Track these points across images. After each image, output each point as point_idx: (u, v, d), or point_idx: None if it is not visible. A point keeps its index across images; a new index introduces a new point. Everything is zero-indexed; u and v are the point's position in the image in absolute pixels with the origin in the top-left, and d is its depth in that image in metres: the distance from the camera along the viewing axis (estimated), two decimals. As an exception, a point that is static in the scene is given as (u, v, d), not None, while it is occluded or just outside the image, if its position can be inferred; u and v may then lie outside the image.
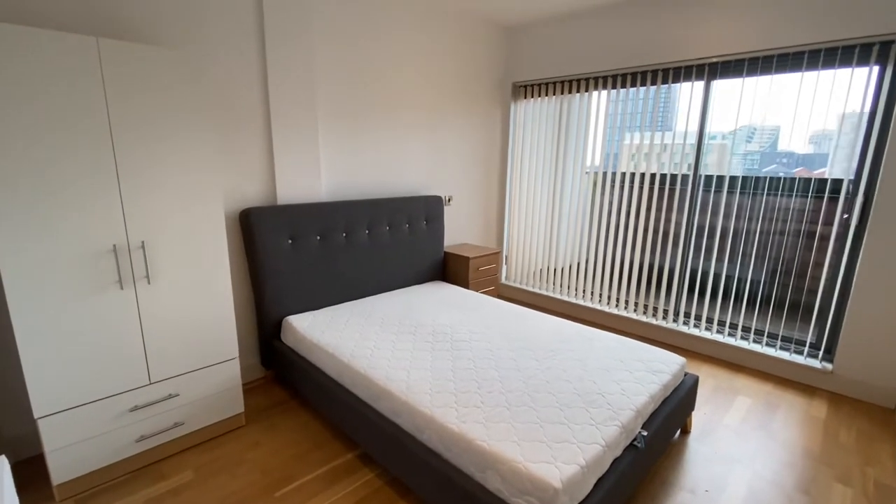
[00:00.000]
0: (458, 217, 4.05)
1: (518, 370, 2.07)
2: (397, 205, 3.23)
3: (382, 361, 2.15)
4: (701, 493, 1.93)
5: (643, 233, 3.57)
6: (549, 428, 1.63)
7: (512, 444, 1.54)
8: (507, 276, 4.60)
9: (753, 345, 3.13)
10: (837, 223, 2.79)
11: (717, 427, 2.42)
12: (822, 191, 2.87)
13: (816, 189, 2.87)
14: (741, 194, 3.15)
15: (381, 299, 3.04)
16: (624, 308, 3.77)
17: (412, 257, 3.40)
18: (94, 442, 1.85)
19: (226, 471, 2.01)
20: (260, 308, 2.64)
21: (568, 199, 4.00)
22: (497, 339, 2.41)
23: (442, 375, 2.02)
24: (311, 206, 2.75)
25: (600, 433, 1.62)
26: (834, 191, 2.81)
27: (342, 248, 2.93)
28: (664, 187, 3.46)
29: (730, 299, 3.26)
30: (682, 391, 2.17)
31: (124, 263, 1.83)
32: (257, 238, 2.52)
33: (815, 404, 2.66)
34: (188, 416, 2.10)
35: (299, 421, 2.40)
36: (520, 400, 1.81)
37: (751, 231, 3.15)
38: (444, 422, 1.69)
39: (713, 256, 3.28)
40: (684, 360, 2.27)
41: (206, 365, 2.13)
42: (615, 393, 1.89)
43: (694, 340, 3.35)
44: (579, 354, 2.25)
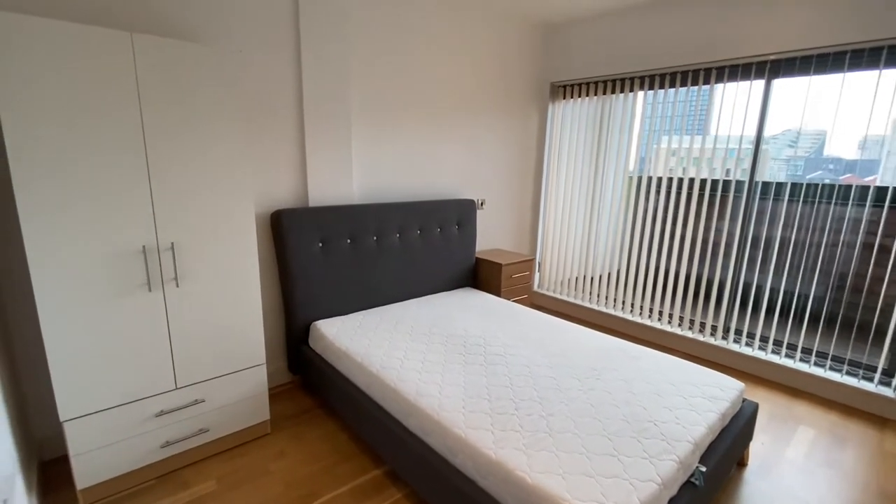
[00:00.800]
0: (491, 222, 3.91)
1: (559, 390, 1.92)
2: (429, 208, 3.12)
3: (412, 374, 2.03)
4: (764, 538, 1.73)
5: (690, 242, 3.33)
6: (597, 460, 1.47)
7: (556, 478, 1.39)
8: (540, 283, 4.42)
9: (815, 368, 2.86)
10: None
11: (777, 461, 2.19)
12: (881, 200, 2.59)
13: (876, 197, 2.60)
14: (794, 202, 2.89)
15: (411, 306, 2.93)
16: (667, 322, 3.53)
17: (443, 263, 3.28)
18: (119, 447, 1.80)
19: (249, 482, 1.93)
20: (288, 312, 2.58)
21: (608, 205, 3.79)
22: (534, 354, 2.26)
23: (476, 393, 1.88)
24: (342, 209, 2.67)
25: (655, 469, 1.45)
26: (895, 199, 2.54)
27: (372, 251, 2.84)
28: (714, 193, 3.21)
29: (787, 317, 2.99)
30: (740, 420, 1.96)
31: (153, 265, 1.78)
32: (288, 240, 2.45)
33: (890, 438, 2.38)
34: (213, 422, 2.04)
35: (326, 430, 2.31)
36: (562, 425, 1.66)
37: (809, 242, 2.88)
38: (479, 446, 1.55)
39: (769, 269, 3.02)
40: (743, 386, 2.06)
41: (232, 371, 2.06)
42: (668, 421, 1.71)
43: (745, 360, 3.09)
44: (624, 375, 2.07)
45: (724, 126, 3.06)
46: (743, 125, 2.99)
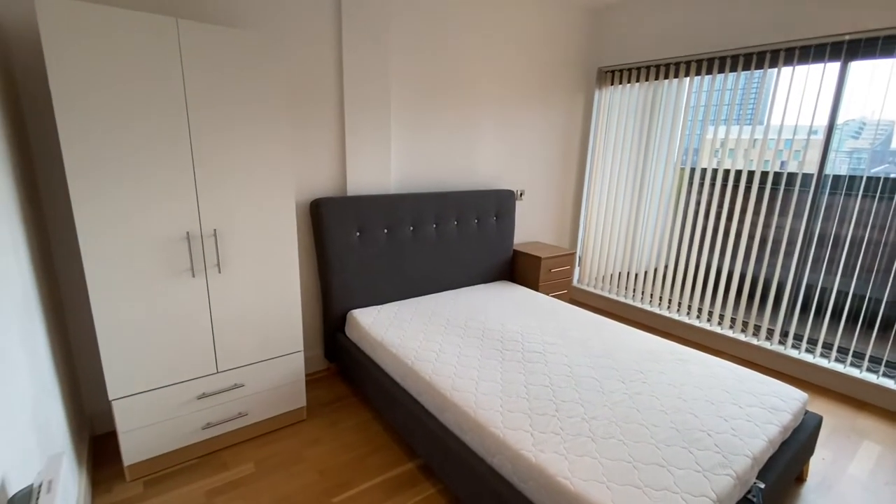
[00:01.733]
0: (530, 213, 3.79)
1: (602, 392, 1.82)
2: (466, 199, 3.05)
3: (448, 368, 1.99)
4: (828, 564, 1.58)
5: (746, 238, 3.10)
6: (644, 470, 1.38)
7: (600, 486, 1.31)
8: (580, 278, 4.28)
9: (884, 379, 2.61)
10: None
11: (840, 477, 2.01)
12: None
13: None
14: (869, 197, 2.63)
15: (446, 297, 2.89)
16: (717, 324, 3.33)
17: (480, 254, 3.21)
18: (164, 426, 1.86)
19: (284, 468, 1.95)
20: (326, 300, 2.59)
21: (655, 197, 3.60)
22: (575, 353, 2.16)
23: (514, 391, 1.82)
24: (379, 198, 2.64)
25: (709, 483, 1.34)
26: None
27: (409, 242, 2.80)
28: (776, 187, 2.97)
29: (854, 322, 2.74)
30: (802, 434, 1.81)
31: (196, 251, 1.80)
32: (326, 229, 2.45)
33: (975, 463, 2.15)
34: (252, 406, 2.08)
35: (360, 419, 2.31)
36: (606, 431, 1.57)
37: (885, 242, 2.61)
38: (518, 448, 1.49)
39: (836, 270, 2.77)
40: (806, 397, 1.89)
41: (271, 357, 2.09)
42: (724, 432, 1.59)
43: (805, 368, 2.87)
44: (673, 379, 1.95)
45: (787, 114, 2.80)
46: (803, 112, 2.72)
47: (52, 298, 1.78)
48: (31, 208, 1.63)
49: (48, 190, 1.87)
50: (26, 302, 1.36)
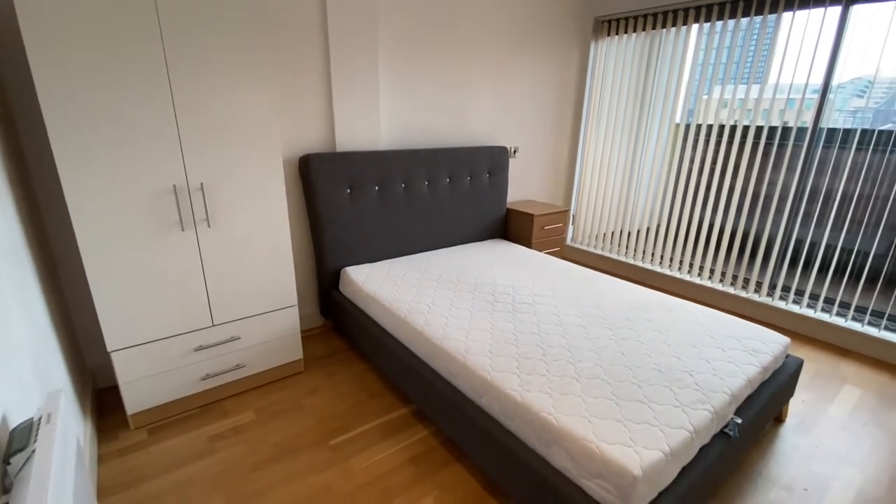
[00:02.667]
0: (524, 171, 3.76)
1: (588, 339, 1.87)
2: (459, 155, 3.02)
3: (440, 319, 2.03)
4: (798, 492, 1.68)
5: (739, 194, 3.10)
6: (626, 406, 1.44)
7: (582, 420, 1.37)
8: (574, 237, 4.29)
9: (868, 328, 2.68)
10: None
11: (818, 419, 2.09)
12: None
13: None
14: (862, 150, 2.61)
15: (439, 255, 2.91)
16: (708, 278, 3.37)
17: (472, 212, 3.21)
18: (163, 377, 1.92)
19: (284, 414, 2.03)
20: (319, 258, 2.61)
21: (651, 154, 3.56)
22: (564, 304, 2.20)
23: (503, 338, 1.86)
24: (369, 155, 2.61)
25: (688, 417, 1.40)
26: None
27: (400, 199, 2.80)
28: (770, 142, 2.93)
29: (842, 274, 2.78)
30: (782, 375, 1.87)
31: (184, 205, 1.80)
32: (316, 185, 2.43)
33: (948, 403, 2.23)
34: (249, 359, 2.13)
35: (356, 371, 2.38)
36: (591, 372, 1.62)
37: (875, 195, 2.61)
38: (504, 388, 1.55)
39: (826, 224, 2.78)
40: (788, 341, 1.94)
41: (265, 311, 2.12)
42: (705, 372, 1.64)
43: (791, 318, 2.93)
44: (659, 326, 1.99)
45: (786, 68, 2.74)
46: (802, 64, 2.65)
47: (44, 253, 1.79)
48: (13, 161, 1.62)
49: (32, 146, 1.84)
50: (15, 251, 1.37)
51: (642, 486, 1.19)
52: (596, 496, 1.24)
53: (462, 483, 1.68)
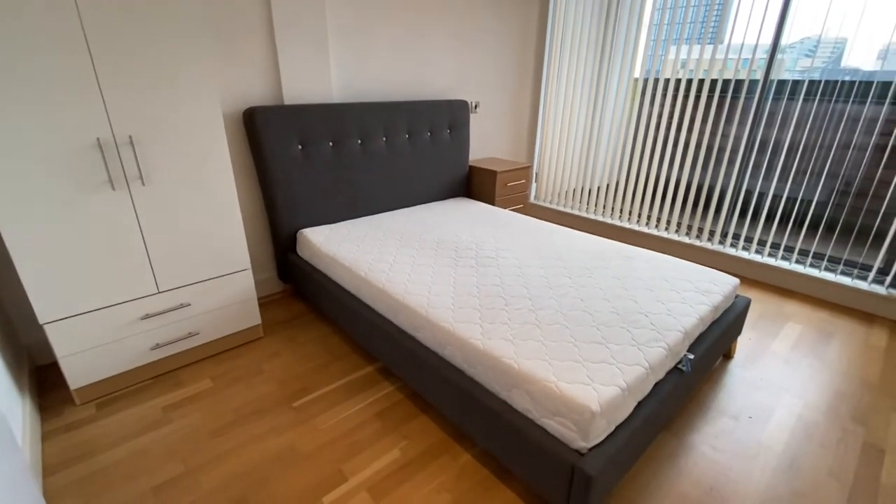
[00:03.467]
0: (486, 127, 3.68)
1: (550, 288, 1.88)
2: (418, 109, 2.90)
3: (402, 276, 1.99)
4: (744, 420, 1.79)
5: (694, 148, 3.15)
6: (585, 348, 1.46)
7: (543, 363, 1.38)
8: (537, 195, 4.30)
9: (810, 269, 2.84)
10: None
11: (763, 354, 2.22)
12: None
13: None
14: (809, 101, 2.69)
15: (401, 215, 2.84)
16: (665, 229, 3.46)
17: (434, 170, 3.13)
18: (108, 349, 1.80)
19: (243, 380, 1.96)
20: (273, 219, 2.48)
21: (610, 110, 3.54)
22: (527, 257, 2.20)
23: (465, 291, 1.85)
24: (320, 108, 2.46)
25: (643, 354, 1.44)
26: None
27: (357, 157, 2.68)
28: (724, 95, 2.97)
29: (787, 222, 2.91)
30: (732, 314, 1.95)
31: (113, 161, 1.64)
32: (264, 141, 2.28)
33: (876, 333, 2.42)
34: (202, 326, 2.04)
35: (319, 333, 2.33)
36: (552, 318, 1.64)
37: (820, 145, 2.72)
38: (467, 337, 1.54)
39: (774, 175, 2.88)
40: (737, 281, 2.03)
41: (216, 275, 2.01)
42: (660, 313, 1.69)
43: (741, 264, 3.07)
44: (618, 273, 2.03)
45: (739, 31, 2.76)
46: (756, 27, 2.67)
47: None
48: None
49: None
50: None
51: (600, 421, 1.22)
52: (557, 434, 1.27)
53: (428, 433, 1.69)
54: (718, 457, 1.61)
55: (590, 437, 1.21)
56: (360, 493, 1.44)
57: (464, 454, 1.60)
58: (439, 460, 1.57)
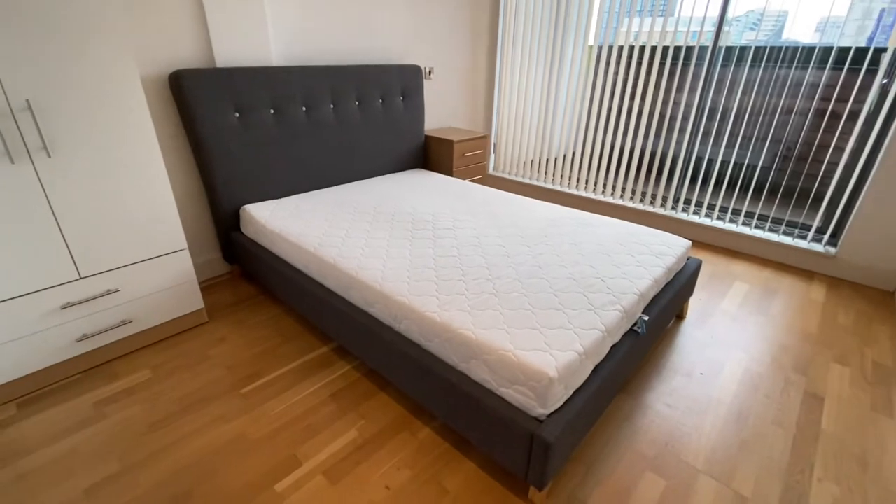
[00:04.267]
0: (442, 95, 3.55)
1: (507, 257, 1.84)
2: (367, 74, 2.73)
3: (355, 251, 1.88)
4: (696, 377, 1.84)
5: (647, 116, 3.16)
6: (542, 315, 1.43)
7: (500, 332, 1.34)
8: (496, 166, 4.24)
9: (755, 230, 2.95)
10: (874, 94, 2.43)
11: (713, 312, 2.30)
12: (841, 62, 2.48)
13: (836, 59, 2.48)
14: (755, 67, 2.74)
15: (354, 188, 2.70)
16: (620, 196, 3.50)
17: (388, 139, 2.99)
18: (25, 342, 1.61)
19: (187, 368, 1.83)
20: (212, 195, 2.29)
21: (566, 78, 3.49)
22: (484, 227, 2.15)
23: (422, 264, 1.77)
24: (258, 71, 2.26)
25: (600, 318, 1.43)
26: (873, 62, 2.41)
27: (303, 125, 2.50)
28: (675, 62, 2.97)
29: (734, 186, 3.00)
30: (684, 275, 1.99)
31: (9, 130, 1.42)
32: (194, 108, 2.08)
33: (815, 288, 2.55)
34: (136, 313, 1.87)
35: (269, 315, 2.20)
36: (509, 287, 1.59)
37: (765, 111, 2.79)
38: (423, 311, 1.47)
39: (722, 141, 2.94)
40: (689, 243, 2.06)
41: (146, 258, 1.84)
42: (616, 277, 1.68)
43: (692, 227, 3.15)
44: (575, 239, 2.01)
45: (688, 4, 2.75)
46: None
47: None
48: None
49: None
50: None
51: (558, 387, 1.20)
52: (515, 402, 1.24)
53: (387, 411, 1.63)
54: (672, 413, 1.65)
55: (548, 403, 1.19)
56: (316, 478, 1.38)
57: (424, 428, 1.56)
58: (398, 437, 1.53)
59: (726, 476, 1.41)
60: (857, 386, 1.80)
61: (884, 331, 2.16)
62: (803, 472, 1.42)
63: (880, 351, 2.02)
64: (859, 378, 1.84)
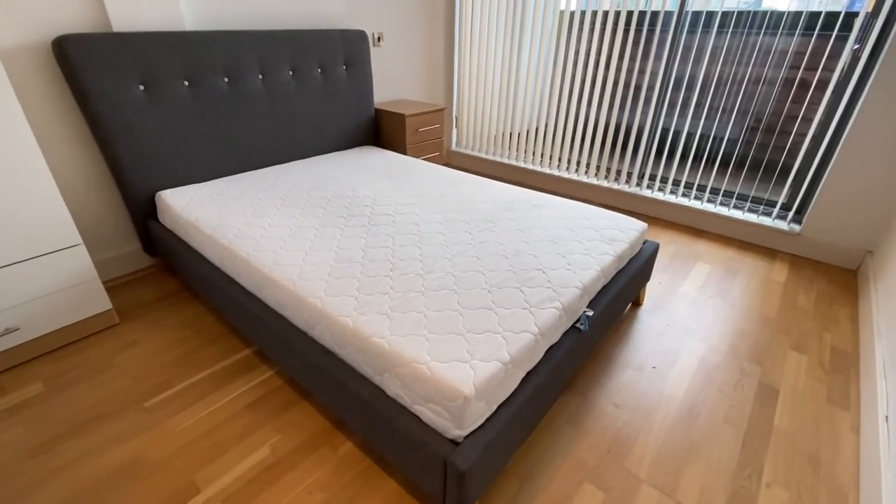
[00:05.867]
0: (393, 64, 3.27)
1: (445, 246, 1.66)
2: (302, 40, 2.45)
3: (275, 242, 1.68)
4: (648, 371, 1.72)
5: (612, 87, 2.96)
6: (470, 317, 1.27)
7: (418, 340, 1.17)
8: (458, 141, 4.00)
9: (720, 208, 2.83)
10: (844, 61, 2.27)
11: (671, 297, 2.18)
12: (811, 28, 2.31)
13: (807, 25, 2.31)
14: (723, 34, 2.55)
15: (292, 168, 2.47)
16: (584, 173, 3.33)
17: (330, 114, 2.74)
18: None
19: (85, 380, 1.63)
20: (120, 181, 2.03)
21: (527, 47, 3.24)
22: (428, 211, 1.96)
23: (349, 257, 1.58)
24: (167, 37, 1.97)
25: (534, 318, 1.27)
26: (844, 26, 2.24)
27: (225, 98, 2.23)
28: (640, 28, 2.76)
29: (700, 161, 2.85)
30: (639, 261, 1.85)
31: None
32: (86, 81, 1.79)
33: (777, 268, 2.46)
34: (24, 319, 1.64)
35: (191, 314, 2.00)
36: (440, 283, 1.42)
37: (732, 80, 2.62)
38: (336, 315, 1.29)
39: (688, 112, 2.77)
40: (645, 226, 1.91)
41: (28, 257, 1.60)
42: (559, 268, 1.52)
43: (655, 205, 3.02)
44: (523, 224, 1.84)
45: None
46: None
47: None
48: None
49: None
50: None
51: (477, 404, 1.05)
52: (430, 422, 1.09)
53: (308, 423, 1.47)
54: (619, 414, 1.53)
55: (465, 423, 1.04)
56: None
57: (346, 442, 1.41)
58: (317, 453, 1.37)
59: (670, 485, 1.30)
60: (814, 376, 1.71)
61: (845, 313, 2.08)
62: (751, 477, 1.32)
63: (840, 335, 1.93)
64: (816, 367, 1.75)
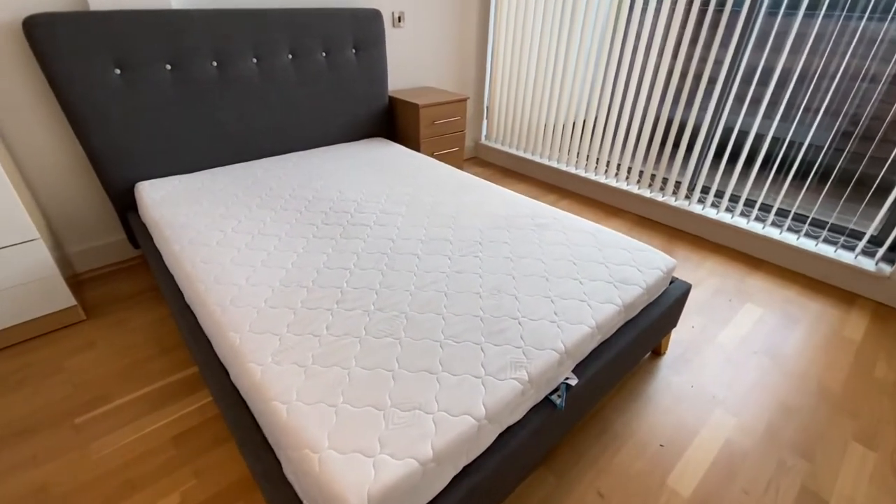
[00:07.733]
0: (416, 47, 2.98)
1: (414, 274, 1.39)
2: (305, 20, 2.22)
3: (228, 253, 1.49)
4: (653, 449, 1.38)
5: (671, 77, 2.48)
6: (403, 382, 1.00)
7: (326, 413, 0.93)
8: (488, 134, 3.66)
9: (787, 234, 2.32)
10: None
11: (704, 348, 1.78)
12: None
13: None
14: (811, 17, 2.02)
15: (284, 161, 2.28)
16: (625, 179, 2.89)
17: (336, 102, 2.51)
18: None
19: (29, 383, 1.55)
20: (99, 170, 1.93)
21: (579, 28, 2.81)
22: (411, 225, 1.69)
23: (298, 279, 1.36)
24: (147, 16, 1.81)
25: (484, 393, 0.99)
26: None
27: (213, 84, 2.06)
28: (713, 9, 2.26)
29: (768, 170, 2.34)
30: (659, 308, 1.48)
31: None
32: (55, 63, 1.68)
33: (853, 321, 1.96)
34: (-24, 314, 1.58)
35: (156, 317, 1.89)
36: (387, 326, 1.17)
37: (821, 74, 2.09)
38: (248, 360, 1.08)
39: (759, 111, 2.26)
40: (674, 263, 1.53)
41: (-23, 250, 1.52)
42: (541, 318, 1.21)
43: (704, 224, 2.54)
44: (516, 250, 1.53)
45: None
46: None
47: None
48: None
49: None
50: None
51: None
52: (320, 526, 0.85)
53: (228, 470, 1.29)
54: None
55: (354, 542, 0.79)
56: (96, 567, 1.07)
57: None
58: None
59: None
60: (883, 485, 1.29)
61: (940, 394, 1.59)
62: None
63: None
64: (888, 472, 1.32)
